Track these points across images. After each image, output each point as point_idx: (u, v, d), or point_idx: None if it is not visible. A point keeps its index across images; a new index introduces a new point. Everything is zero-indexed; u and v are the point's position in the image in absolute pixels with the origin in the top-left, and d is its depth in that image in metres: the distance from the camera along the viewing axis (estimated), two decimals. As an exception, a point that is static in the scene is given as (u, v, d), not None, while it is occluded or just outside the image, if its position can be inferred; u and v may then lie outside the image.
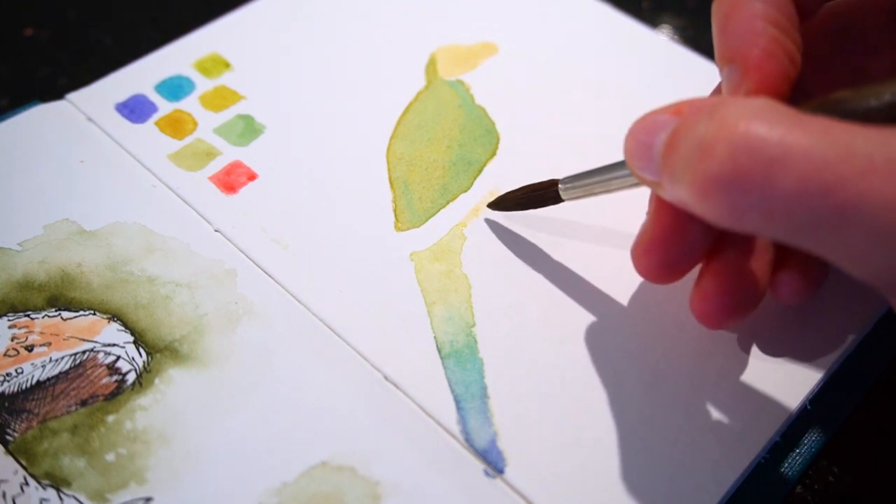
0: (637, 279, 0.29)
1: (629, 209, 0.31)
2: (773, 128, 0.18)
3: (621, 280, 0.29)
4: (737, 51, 0.23)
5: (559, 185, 0.28)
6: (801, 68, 0.24)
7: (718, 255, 0.24)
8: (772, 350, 0.28)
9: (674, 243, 0.24)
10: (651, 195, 0.25)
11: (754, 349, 0.28)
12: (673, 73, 0.37)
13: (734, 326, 0.27)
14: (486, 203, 0.31)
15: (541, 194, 0.29)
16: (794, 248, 0.20)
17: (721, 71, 0.24)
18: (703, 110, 0.20)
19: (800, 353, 0.28)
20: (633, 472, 0.25)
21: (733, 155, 0.19)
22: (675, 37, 0.40)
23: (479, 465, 0.25)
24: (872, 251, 0.18)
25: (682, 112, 0.22)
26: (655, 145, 0.22)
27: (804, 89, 0.26)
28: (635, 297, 0.29)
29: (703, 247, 0.24)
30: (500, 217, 0.31)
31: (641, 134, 0.22)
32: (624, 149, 0.23)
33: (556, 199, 0.29)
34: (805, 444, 0.27)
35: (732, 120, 0.19)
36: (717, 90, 0.27)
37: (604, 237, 0.31)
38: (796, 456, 0.26)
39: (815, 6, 0.25)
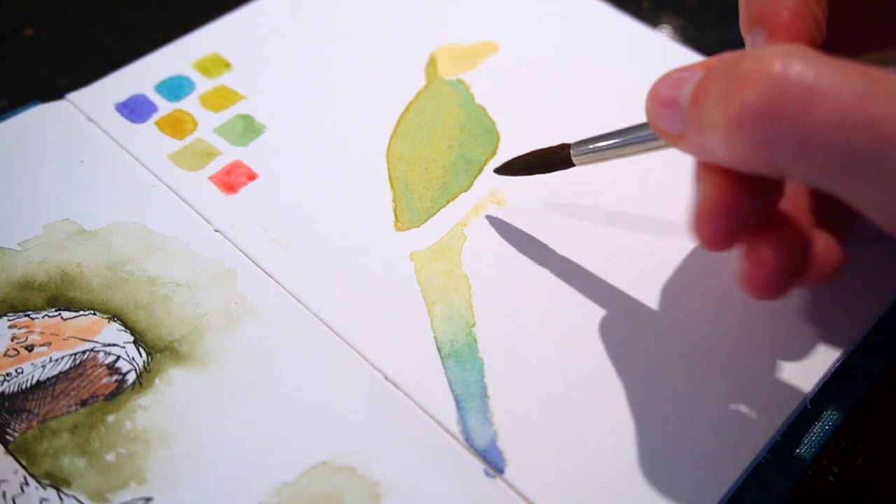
0: (638, 279, 0.29)
1: (630, 210, 0.31)
2: (810, 63, 0.18)
3: (622, 280, 0.29)
4: (763, 13, 0.23)
5: (571, 149, 0.28)
6: (827, 36, 0.24)
7: (768, 224, 0.24)
8: (772, 350, 0.28)
9: (732, 212, 0.23)
10: (698, 171, 0.24)
11: (755, 349, 0.28)
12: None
13: (781, 297, 0.27)
14: (493, 168, 0.31)
15: (551, 157, 0.29)
16: (819, 191, 0.20)
17: (745, 37, 0.24)
18: (736, 56, 0.20)
19: (800, 352, 0.28)
20: (634, 471, 0.25)
21: (771, 84, 0.19)
22: (676, 37, 0.40)
23: (479, 465, 0.25)
24: None
25: (710, 65, 0.22)
26: (682, 95, 0.22)
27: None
28: (636, 298, 0.29)
29: (764, 210, 0.24)
30: (501, 215, 0.31)
31: (666, 86, 0.22)
32: (646, 105, 0.23)
33: (567, 164, 0.28)
34: (805, 444, 0.27)
35: (770, 57, 0.19)
36: None
37: (604, 237, 0.31)
38: (796, 456, 0.26)
39: None
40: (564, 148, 0.28)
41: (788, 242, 0.24)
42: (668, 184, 0.32)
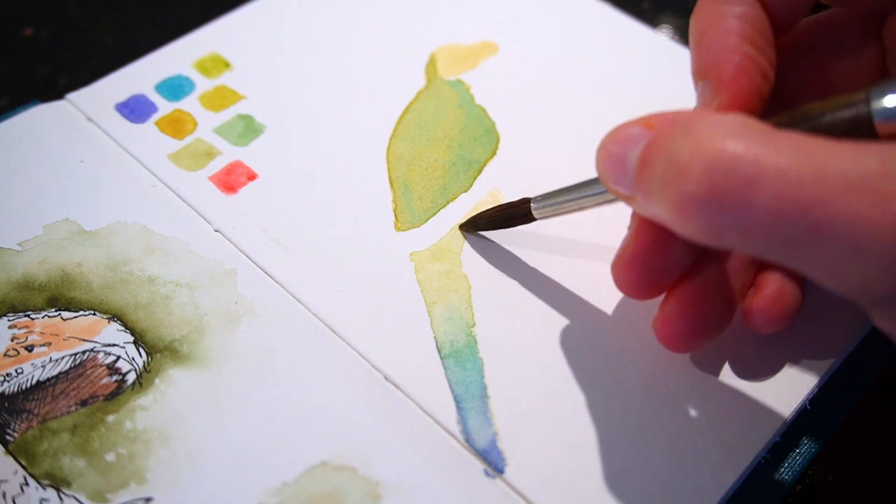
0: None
1: (630, 210, 0.31)
2: (748, 146, 0.18)
3: (621, 280, 0.29)
4: (710, 67, 0.23)
5: (531, 204, 0.28)
6: (785, 80, 0.24)
7: (688, 277, 0.24)
8: (772, 350, 0.28)
9: (654, 260, 0.24)
10: (632, 212, 0.25)
11: (754, 349, 0.28)
12: (673, 72, 0.36)
13: (696, 350, 0.27)
14: (458, 225, 0.31)
15: (512, 212, 0.29)
16: (773, 264, 0.20)
17: (696, 86, 0.24)
18: (678, 125, 0.20)
19: (800, 353, 0.28)
20: (633, 472, 0.25)
21: (709, 175, 0.19)
22: (675, 37, 0.40)
23: (479, 465, 0.25)
24: (850, 267, 0.18)
25: (654, 126, 0.22)
26: (629, 159, 0.22)
27: (787, 101, 0.26)
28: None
29: (684, 264, 0.24)
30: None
31: (614, 147, 0.22)
32: (596, 162, 0.23)
33: (528, 218, 0.29)
34: (805, 444, 0.27)
35: (707, 138, 0.19)
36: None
37: (604, 237, 0.31)
38: (796, 456, 0.26)
39: (791, 22, 0.25)
40: (525, 203, 0.28)
41: (707, 295, 0.24)
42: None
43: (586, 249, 0.30)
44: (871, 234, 0.17)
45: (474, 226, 0.31)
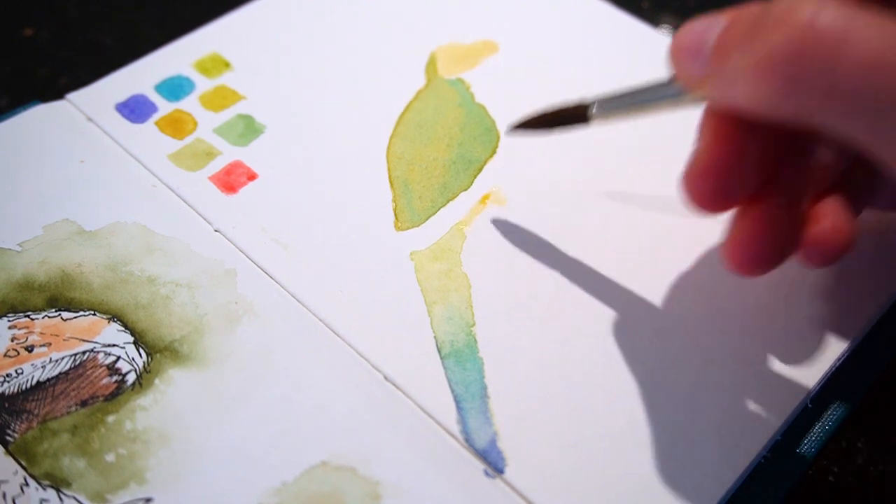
0: (638, 279, 0.29)
1: (630, 210, 0.31)
2: (841, 10, 0.18)
3: (622, 280, 0.29)
4: None
5: (592, 106, 0.27)
6: None
7: (757, 198, 0.24)
8: (772, 349, 0.28)
9: (730, 170, 0.23)
10: (703, 121, 0.24)
11: (755, 348, 0.28)
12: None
13: (765, 273, 0.26)
14: (509, 125, 0.30)
15: (569, 113, 0.28)
16: (843, 140, 0.20)
17: None
18: (765, 4, 0.20)
19: (800, 352, 0.28)
20: (634, 472, 0.25)
21: (801, 29, 0.19)
22: (676, 35, 0.40)
23: (479, 465, 0.25)
24: None
25: (736, 13, 0.22)
26: (706, 40, 0.22)
27: None
28: (636, 297, 0.29)
29: (756, 179, 0.24)
30: (501, 215, 0.31)
31: (691, 32, 0.22)
32: (670, 48, 0.23)
33: (583, 120, 0.28)
34: (806, 444, 0.27)
35: (800, 2, 0.19)
36: None
37: (605, 237, 0.31)
38: (797, 455, 0.26)
39: None
40: (581, 108, 0.28)
41: (779, 218, 0.24)
42: (669, 185, 0.31)
43: (587, 249, 0.30)
44: None
45: (528, 126, 0.30)
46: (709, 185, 0.24)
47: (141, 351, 0.27)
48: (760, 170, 0.24)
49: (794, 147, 0.24)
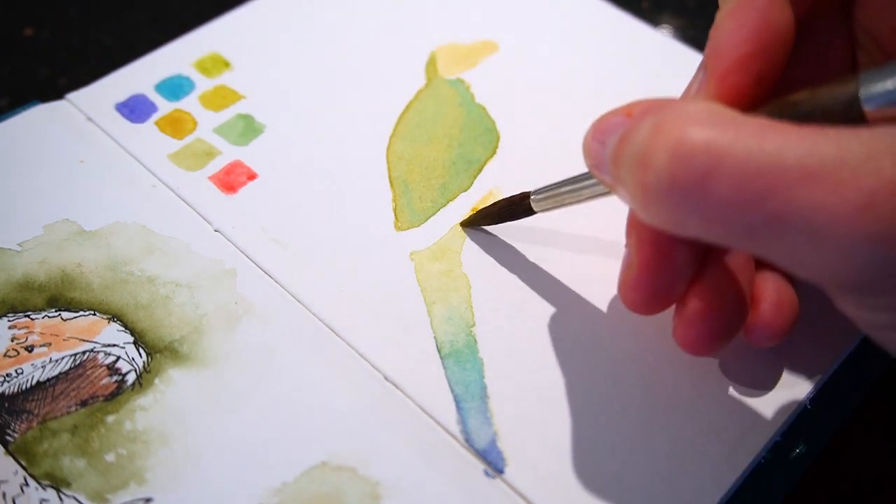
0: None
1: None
2: (709, 134, 0.18)
3: (621, 279, 0.29)
4: (710, 57, 0.23)
5: (531, 197, 0.28)
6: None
7: (697, 282, 0.24)
8: (772, 350, 0.28)
9: (660, 275, 0.24)
10: (628, 229, 0.25)
11: (755, 349, 0.28)
12: (674, 70, 0.36)
13: (716, 352, 0.27)
14: (459, 222, 0.31)
15: (512, 207, 0.29)
16: (767, 264, 0.20)
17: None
18: (648, 114, 0.20)
19: (800, 352, 0.28)
20: (633, 472, 0.25)
21: (668, 164, 0.19)
22: (676, 36, 0.40)
23: (479, 465, 0.25)
24: (810, 255, 0.18)
25: (633, 114, 0.22)
26: (606, 149, 0.22)
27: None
28: (635, 297, 0.29)
29: (689, 273, 0.24)
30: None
31: (597, 135, 0.22)
32: (582, 151, 0.23)
33: (529, 212, 0.29)
34: (805, 444, 0.27)
35: (670, 126, 0.19)
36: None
37: (604, 237, 0.31)
38: (797, 456, 0.26)
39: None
40: (525, 197, 0.29)
41: (721, 299, 0.24)
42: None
43: (587, 249, 0.30)
44: (828, 222, 0.17)
45: (476, 222, 0.31)
46: (641, 294, 0.24)
47: (141, 351, 0.27)
48: (691, 264, 0.24)
49: None
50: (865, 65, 0.25)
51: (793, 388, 0.27)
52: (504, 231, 0.31)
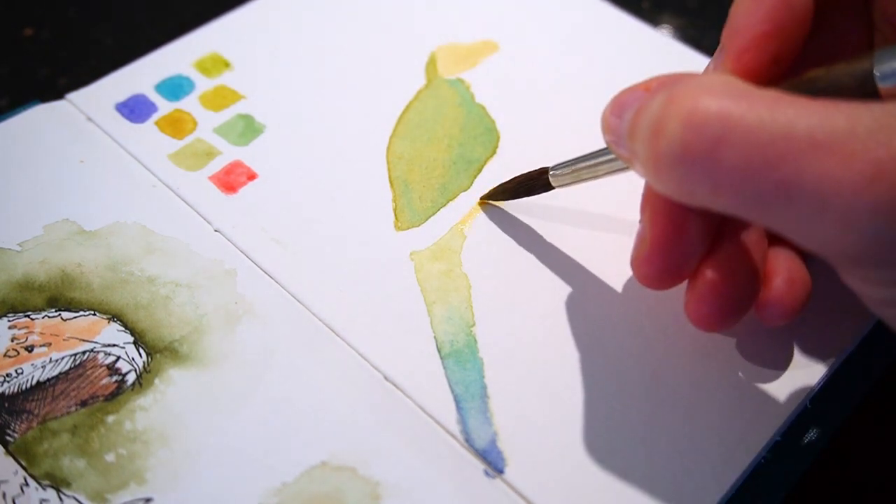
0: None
1: (630, 209, 0.31)
2: (721, 104, 0.19)
3: (622, 280, 0.29)
4: (728, 35, 0.23)
5: (549, 173, 0.29)
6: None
7: (710, 257, 0.24)
8: (772, 349, 0.28)
9: (673, 249, 0.24)
10: (642, 203, 0.25)
11: (755, 348, 0.28)
12: (674, 70, 0.36)
13: (729, 329, 0.27)
14: (480, 197, 0.31)
15: (532, 183, 0.30)
16: (782, 242, 0.20)
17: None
18: (665, 87, 0.20)
19: (801, 351, 0.28)
20: (634, 472, 0.25)
21: (681, 132, 0.19)
22: (676, 36, 0.40)
23: (479, 465, 0.25)
24: (816, 225, 0.18)
25: (651, 88, 0.22)
26: (623, 122, 0.22)
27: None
28: (636, 297, 0.29)
29: (702, 248, 0.24)
30: (500, 215, 0.31)
31: (616, 110, 0.23)
32: (601, 125, 0.24)
33: (547, 187, 0.29)
34: (806, 444, 0.27)
35: (682, 96, 0.19)
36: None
37: (604, 237, 0.31)
38: (797, 455, 0.26)
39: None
40: (544, 172, 0.29)
41: (736, 272, 0.24)
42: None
43: (587, 249, 0.30)
44: (835, 193, 0.17)
45: (495, 197, 0.31)
46: (654, 268, 0.24)
47: (141, 351, 0.27)
48: (703, 239, 0.24)
49: None
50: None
51: (793, 389, 0.27)
52: (504, 231, 0.31)
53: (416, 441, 0.26)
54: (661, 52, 0.38)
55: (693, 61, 0.37)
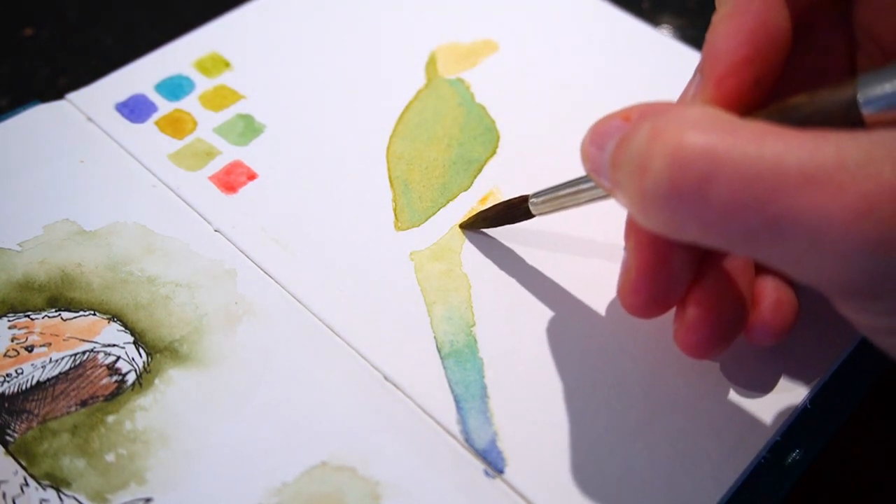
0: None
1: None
2: (707, 139, 0.18)
3: (621, 279, 0.29)
4: (706, 61, 0.23)
5: (530, 200, 0.28)
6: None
7: (697, 285, 0.24)
8: (772, 349, 0.28)
9: (658, 278, 0.24)
10: (626, 232, 0.24)
11: (755, 349, 0.28)
12: (674, 71, 0.36)
13: (718, 356, 0.27)
14: (458, 224, 0.31)
15: (511, 210, 0.29)
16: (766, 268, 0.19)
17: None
18: (646, 118, 0.20)
19: (800, 352, 0.28)
20: (633, 472, 0.25)
21: (668, 169, 0.19)
22: (676, 36, 0.40)
23: (479, 465, 0.25)
24: (809, 260, 0.18)
25: (630, 118, 0.22)
26: (605, 154, 0.22)
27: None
28: (635, 297, 0.29)
29: (688, 276, 0.24)
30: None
31: (596, 140, 0.22)
32: (580, 155, 0.23)
33: (528, 215, 0.29)
34: (805, 444, 0.27)
35: (668, 131, 0.19)
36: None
37: (605, 237, 0.31)
38: (796, 455, 0.26)
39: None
40: (524, 200, 0.29)
41: (721, 302, 0.24)
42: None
43: (587, 249, 0.30)
44: (827, 227, 0.17)
45: (475, 225, 0.31)
46: (641, 298, 0.24)
47: (141, 351, 0.27)
48: (689, 267, 0.24)
49: None
50: (865, 66, 0.25)
51: (793, 389, 0.27)
52: (504, 231, 0.31)
53: (416, 441, 0.26)
54: (661, 52, 0.38)
55: (693, 61, 0.37)
